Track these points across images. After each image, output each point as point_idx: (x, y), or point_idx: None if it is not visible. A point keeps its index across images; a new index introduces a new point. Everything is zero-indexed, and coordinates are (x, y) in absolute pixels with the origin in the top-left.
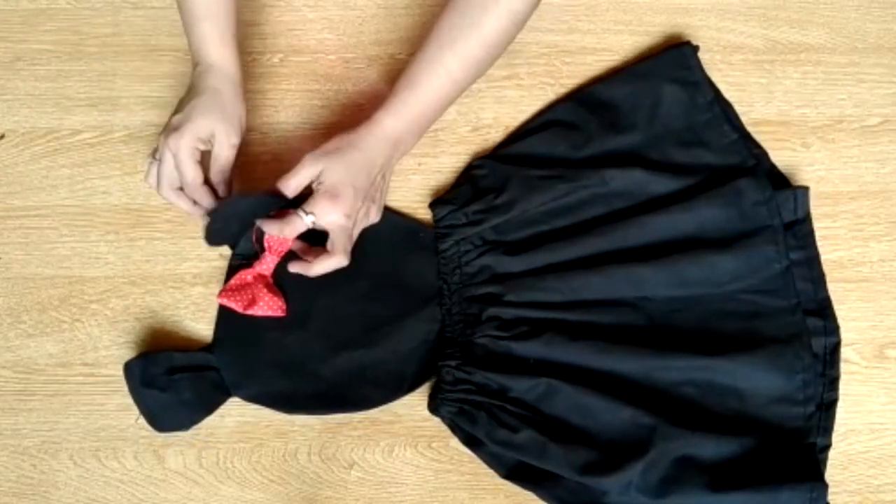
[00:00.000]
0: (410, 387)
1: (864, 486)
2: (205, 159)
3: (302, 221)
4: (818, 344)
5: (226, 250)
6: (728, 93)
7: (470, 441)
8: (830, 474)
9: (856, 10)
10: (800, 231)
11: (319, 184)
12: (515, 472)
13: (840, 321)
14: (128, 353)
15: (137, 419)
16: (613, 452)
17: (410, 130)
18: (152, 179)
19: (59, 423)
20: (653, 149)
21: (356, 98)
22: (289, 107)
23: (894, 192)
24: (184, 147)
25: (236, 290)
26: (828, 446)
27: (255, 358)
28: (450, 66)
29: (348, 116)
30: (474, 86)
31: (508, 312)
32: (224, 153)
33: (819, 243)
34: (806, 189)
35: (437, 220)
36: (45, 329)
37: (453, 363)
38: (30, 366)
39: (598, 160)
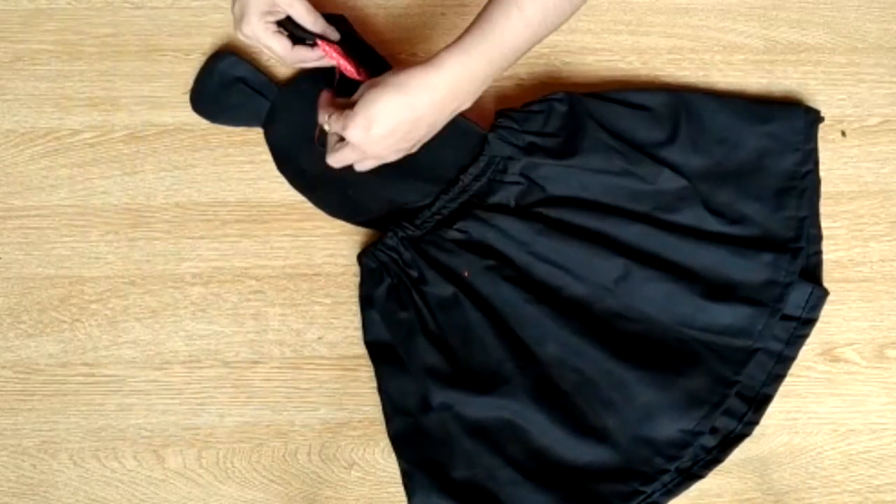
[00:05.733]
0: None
1: (865, 486)
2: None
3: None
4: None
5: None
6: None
7: (365, 300)
8: (830, 474)
9: (856, 10)
10: (795, 331)
11: (363, 106)
12: (373, 346)
13: (840, 321)
14: (128, 353)
15: (186, 93)
16: (472, 375)
17: (473, 76)
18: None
19: (59, 423)
20: (718, 185)
21: None
22: None
23: (894, 192)
24: (257, 29)
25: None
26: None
27: (296, 137)
28: (526, 10)
29: None
30: None
31: (490, 235)
32: (295, 10)
33: None
34: (824, 293)
35: (496, 125)
36: (45, 329)
37: (401, 233)
38: (30, 366)
39: (665, 164)
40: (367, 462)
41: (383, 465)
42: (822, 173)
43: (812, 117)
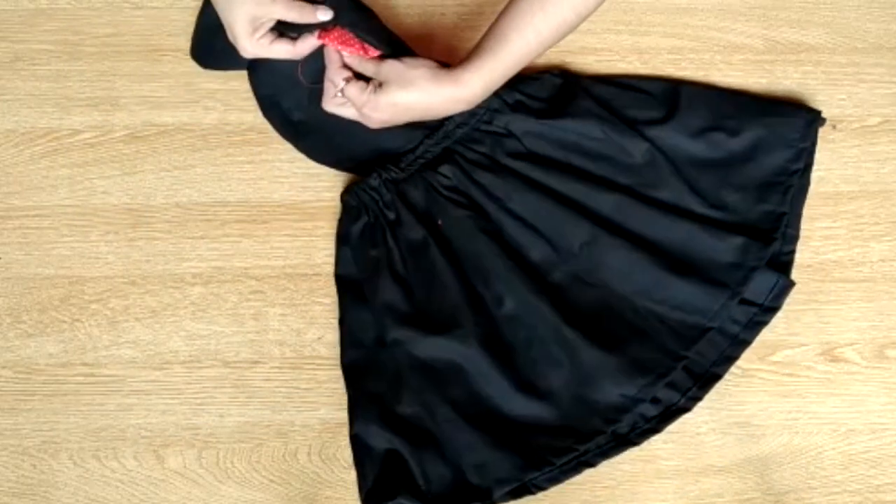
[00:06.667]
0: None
1: (865, 486)
2: None
3: (335, 87)
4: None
5: None
6: None
7: (342, 237)
8: (830, 474)
9: (856, 10)
10: (755, 316)
11: (388, 97)
12: (341, 280)
13: (840, 321)
14: (128, 353)
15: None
16: (428, 317)
17: (488, 88)
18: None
19: (59, 423)
20: (705, 170)
21: None
22: None
23: (894, 192)
24: (255, 48)
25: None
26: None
27: (280, 81)
28: (539, 28)
29: None
30: None
31: (470, 187)
32: (276, 11)
33: (819, 243)
34: (790, 284)
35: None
36: (45, 329)
37: (385, 175)
38: (30, 366)
39: (653, 144)
40: None
41: None
42: (822, 173)
43: (812, 117)
